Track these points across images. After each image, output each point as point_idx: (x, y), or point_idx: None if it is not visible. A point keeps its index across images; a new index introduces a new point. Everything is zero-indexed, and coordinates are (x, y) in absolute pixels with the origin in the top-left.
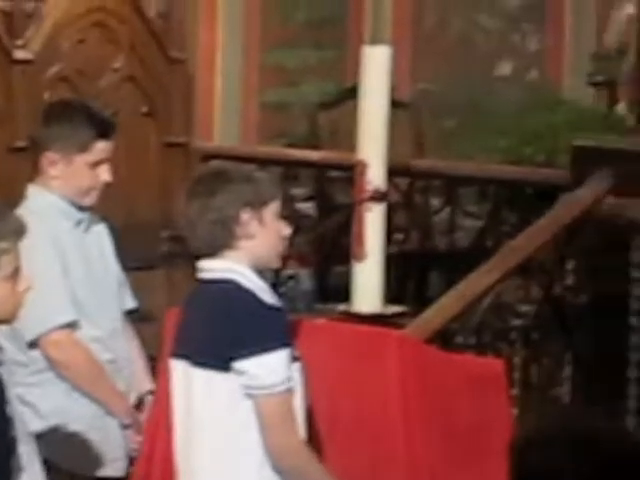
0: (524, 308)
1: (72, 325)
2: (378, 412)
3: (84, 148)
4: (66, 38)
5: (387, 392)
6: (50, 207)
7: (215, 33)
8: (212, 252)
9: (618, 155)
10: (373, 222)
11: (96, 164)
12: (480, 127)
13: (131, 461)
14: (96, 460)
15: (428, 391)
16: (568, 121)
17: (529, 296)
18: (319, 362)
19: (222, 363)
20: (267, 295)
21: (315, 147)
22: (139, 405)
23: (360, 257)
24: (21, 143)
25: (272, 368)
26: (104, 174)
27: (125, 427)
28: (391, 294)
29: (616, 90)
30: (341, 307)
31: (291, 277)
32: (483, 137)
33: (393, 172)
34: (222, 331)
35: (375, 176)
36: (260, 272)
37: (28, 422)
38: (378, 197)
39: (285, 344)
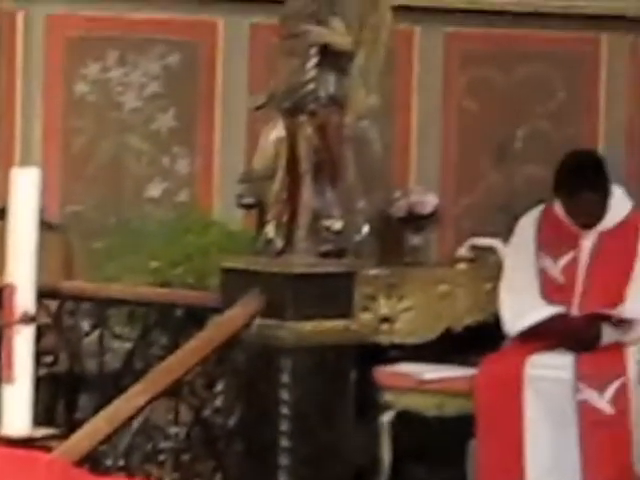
0: (174, 430)
1: None
2: None
3: None
4: None
5: None
6: None
7: None
8: None
9: (266, 277)
10: (22, 345)
11: None
12: (130, 249)
13: None
14: None
15: None
16: (218, 243)
17: (179, 418)
18: None
19: None
20: None
21: None
22: None
23: (9, 380)
24: None
25: None
26: None
27: None
28: (40, 417)
29: (265, 212)
30: None
31: None
32: (133, 259)
33: (42, 294)
34: None
35: (24, 299)
36: None
37: None
38: (27, 320)
39: None
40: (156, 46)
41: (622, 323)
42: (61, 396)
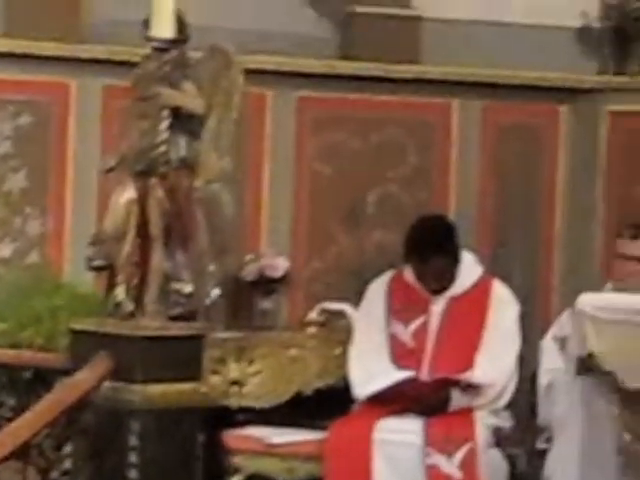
0: None
1: None
2: None
3: None
4: None
5: None
6: None
7: None
8: None
9: (116, 339)
10: None
11: None
12: None
13: None
14: None
15: None
16: (68, 305)
17: None
18: None
19: None
20: None
21: None
22: None
23: None
24: None
25: None
26: None
27: None
28: None
29: (115, 274)
30: None
31: None
32: None
33: None
34: None
35: None
36: None
37: None
38: None
39: None
40: (8, 106)
41: (471, 388)
42: None
